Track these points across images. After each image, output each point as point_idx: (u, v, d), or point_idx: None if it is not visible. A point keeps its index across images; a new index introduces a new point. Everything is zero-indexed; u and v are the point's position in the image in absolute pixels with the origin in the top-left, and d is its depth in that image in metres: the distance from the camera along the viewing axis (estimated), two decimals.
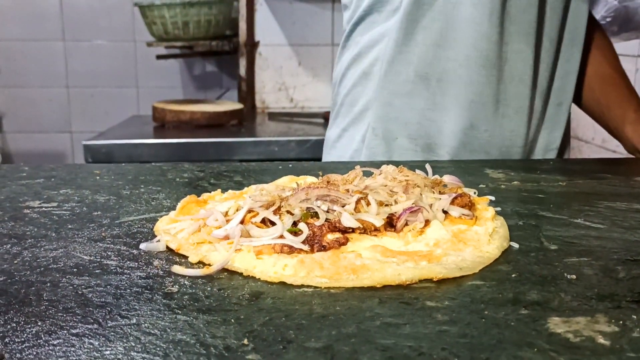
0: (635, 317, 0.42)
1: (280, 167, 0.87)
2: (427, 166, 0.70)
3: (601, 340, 0.39)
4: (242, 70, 2.45)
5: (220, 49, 2.38)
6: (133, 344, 0.38)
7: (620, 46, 1.58)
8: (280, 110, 2.48)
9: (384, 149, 1.00)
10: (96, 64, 2.61)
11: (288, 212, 0.55)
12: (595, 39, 1.10)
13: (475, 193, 0.68)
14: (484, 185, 0.78)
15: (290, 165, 0.88)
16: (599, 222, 0.63)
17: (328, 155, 1.11)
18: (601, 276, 0.49)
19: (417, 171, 0.66)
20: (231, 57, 2.52)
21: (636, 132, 0.98)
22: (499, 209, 0.66)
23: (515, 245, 0.56)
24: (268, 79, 2.53)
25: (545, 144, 1.02)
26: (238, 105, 2.28)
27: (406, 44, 0.96)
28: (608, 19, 1.37)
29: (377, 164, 0.69)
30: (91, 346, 0.38)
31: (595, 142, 1.78)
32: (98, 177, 0.80)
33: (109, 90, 2.64)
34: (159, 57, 2.46)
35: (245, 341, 0.38)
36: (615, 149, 1.46)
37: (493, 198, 0.69)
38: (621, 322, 0.41)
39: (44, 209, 0.66)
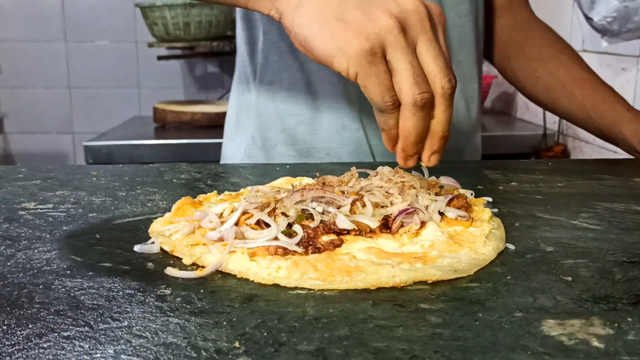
0: (630, 319, 0.42)
1: (278, 168, 0.87)
2: (424, 167, 0.70)
3: (595, 343, 0.39)
4: None
5: (222, 50, 2.38)
6: (124, 347, 0.38)
7: (621, 46, 1.58)
8: None
9: (264, 159, 1.02)
10: (98, 65, 2.62)
11: (283, 213, 0.55)
12: (557, 44, 1.09)
13: (472, 194, 0.68)
14: (482, 187, 0.77)
15: (288, 167, 0.88)
16: (596, 223, 0.63)
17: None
18: (597, 278, 0.49)
19: (414, 172, 0.66)
20: (232, 58, 2.51)
21: (635, 132, 0.96)
22: (496, 210, 0.66)
23: (512, 247, 0.56)
24: None
25: None
26: None
27: (275, 51, 0.98)
28: (608, 19, 1.37)
29: (374, 165, 0.68)
30: (81, 349, 0.38)
31: (596, 142, 1.78)
32: (95, 179, 0.79)
33: (111, 91, 2.65)
34: (160, 57, 2.47)
35: (237, 344, 0.38)
36: (616, 150, 1.45)
37: (490, 199, 0.69)
38: (616, 324, 0.41)
39: (39, 210, 0.66)
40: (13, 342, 0.38)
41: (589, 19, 1.47)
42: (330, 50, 0.57)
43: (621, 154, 1.07)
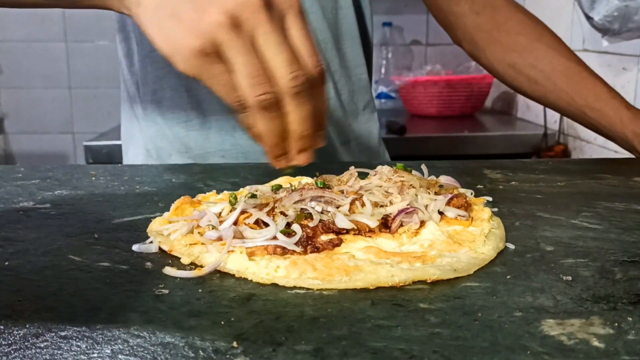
0: (630, 319, 0.41)
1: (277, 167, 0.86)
2: (423, 167, 0.69)
3: (595, 342, 0.38)
4: None
5: None
6: (121, 347, 0.38)
7: (621, 46, 1.58)
8: None
9: None
10: (98, 65, 2.61)
11: (282, 213, 0.55)
12: (532, 30, 1.03)
13: (472, 194, 0.67)
14: (482, 186, 0.77)
15: None
16: (596, 222, 0.62)
17: None
18: (597, 277, 0.49)
19: (414, 172, 0.66)
20: None
21: (636, 133, 0.95)
22: (495, 209, 0.66)
23: (511, 246, 0.55)
24: None
25: None
26: None
27: (151, 60, 0.97)
28: (609, 18, 1.37)
29: (372, 165, 0.68)
30: (78, 348, 0.37)
31: (597, 142, 1.78)
32: (94, 178, 0.79)
33: (111, 91, 2.64)
34: None
35: (235, 344, 0.38)
36: (617, 149, 1.45)
37: (490, 199, 0.68)
38: (616, 324, 0.41)
39: (37, 209, 0.66)
40: (10, 341, 0.38)
41: (589, 18, 1.47)
42: (168, 52, 0.52)
43: (622, 154, 1.06)
